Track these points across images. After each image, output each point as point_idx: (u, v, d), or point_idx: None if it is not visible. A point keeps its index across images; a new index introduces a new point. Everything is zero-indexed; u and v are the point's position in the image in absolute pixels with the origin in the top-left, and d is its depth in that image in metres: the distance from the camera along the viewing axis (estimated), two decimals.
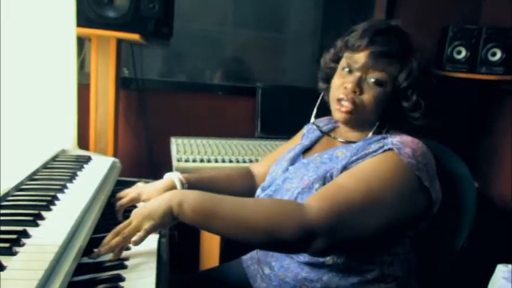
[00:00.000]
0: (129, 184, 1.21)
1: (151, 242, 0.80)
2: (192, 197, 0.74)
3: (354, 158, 0.82)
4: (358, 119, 0.88)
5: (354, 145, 0.88)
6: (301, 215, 0.71)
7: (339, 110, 0.88)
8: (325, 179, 0.82)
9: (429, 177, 0.79)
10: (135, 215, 0.75)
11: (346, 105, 0.86)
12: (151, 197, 0.90)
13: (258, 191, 0.98)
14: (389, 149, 0.80)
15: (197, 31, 2.07)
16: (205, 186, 0.96)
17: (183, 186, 0.94)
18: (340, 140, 0.94)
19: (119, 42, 1.59)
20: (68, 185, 0.93)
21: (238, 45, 2.17)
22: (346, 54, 0.89)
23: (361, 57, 0.86)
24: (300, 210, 0.72)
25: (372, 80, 0.86)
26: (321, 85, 1.01)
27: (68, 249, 0.69)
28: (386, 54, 0.85)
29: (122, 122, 1.86)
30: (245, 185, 1.06)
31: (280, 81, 2.20)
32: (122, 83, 1.79)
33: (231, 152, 1.54)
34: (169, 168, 1.42)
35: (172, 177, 0.96)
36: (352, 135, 0.93)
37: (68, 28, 1.33)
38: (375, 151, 0.81)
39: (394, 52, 0.85)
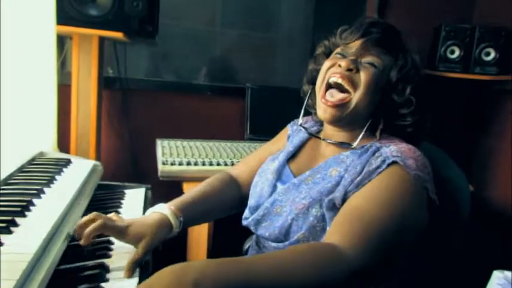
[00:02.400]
0: (111, 188, 1.20)
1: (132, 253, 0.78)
2: (211, 270, 0.57)
3: (358, 179, 0.78)
4: (348, 116, 0.85)
5: (347, 160, 0.84)
6: (344, 262, 0.66)
7: (325, 105, 0.84)
8: (321, 202, 0.80)
9: (433, 188, 0.80)
10: None
11: (333, 97, 0.84)
12: (141, 234, 0.77)
13: (246, 213, 0.93)
14: (393, 162, 0.78)
15: (185, 29, 2.06)
16: (198, 209, 0.91)
17: (178, 221, 0.84)
18: (328, 141, 0.90)
19: (102, 40, 1.58)
20: (45, 189, 0.91)
21: (227, 44, 2.17)
22: (340, 46, 0.90)
23: (355, 45, 0.87)
24: (340, 256, 0.67)
25: (366, 62, 0.85)
26: (306, 87, 1.00)
27: (43, 257, 0.67)
28: (381, 43, 0.85)
29: (105, 124, 1.84)
30: (234, 196, 1.01)
31: (270, 81, 2.20)
32: (105, 83, 1.77)
33: (219, 154, 1.53)
34: (154, 172, 1.41)
35: (162, 211, 0.84)
36: (341, 135, 0.90)
37: (48, 26, 1.31)
38: (378, 167, 0.78)
39: (388, 43, 0.86)
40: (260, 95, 1.95)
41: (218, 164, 1.43)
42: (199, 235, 1.40)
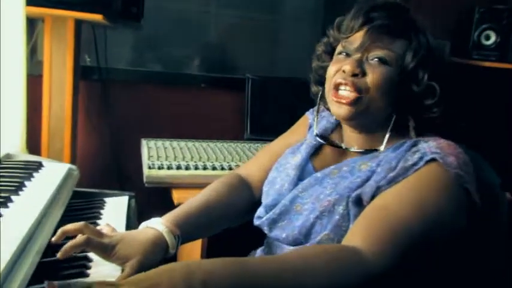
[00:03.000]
0: (89, 196, 1.21)
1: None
2: (218, 272, 0.62)
3: (392, 175, 0.80)
4: (364, 114, 0.86)
5: (380, 155, 0.86)
6: (363, 268, 0.69)
7: (338, 102, 0.86)
8: (348, 200, 0.81)
9: (474, 189, 0.81)
10: (135, 285, 0.59)
11: (346, 94, 0.85)
12: (130, 255, 0.77)
13: (260, 211, 0.94)
14: (432, 160, 0.79)
15: (174, 12, 2.07)
16: (201, 222, 0.91)
17: (176, 239, 0.84)
18: (352, 150, 0.92)
19: (78, 24, 1.58)
20: (13, 197, 0.91)
21: (223, 28, 2.17)
22: (342, 42, 0.90)
23: (357, 38, 0.87)
24: (360, 261, 0.69)
25: (375, 59, 0.85)
26: (315, 89, 1.01)
27: (11, 276, 0.67)
28: (387, 30, 0.85)
29: (82, 121, 1.85)
30: (245, 201, 1.01)
31: (275, 71, 2.20)
32: (82, 73, 1.77)
33: (215, 157, 1.53)
34: (139, 177, 1.41)
35: (156, 227, 0.83)
36: (363, 138, 0.91)
37: (16, 7, 1.31)
38: (415, 164, 0.80)
39: (395, 27, 0.86)
40: (262, 87, 1.95)
41: (213, 168, 1.43)
42: (192, 244, 1.40)
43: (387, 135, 0.88)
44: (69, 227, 0.79)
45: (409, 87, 0.87)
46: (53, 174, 1.10)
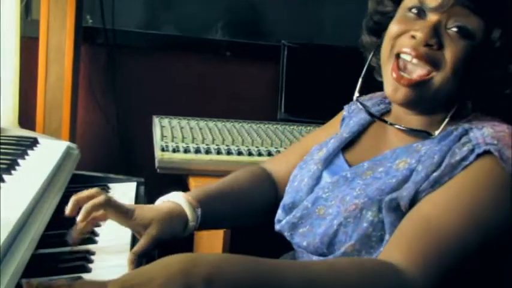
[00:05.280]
0: (91, 181, 1.23)
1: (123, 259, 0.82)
2: (226, 270, 0.61)
3: (435, 175, 0.79)
4: (429, 98, 0.85)
5: (421, 149, 0.85)
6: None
7: (397, 81, 0.84)
8: (380, 204, 0.80)
9: None
10: (125, 284, 0.59)
11: (411, 70, 0.83)
12: (149, 218, 0.85)
13: (279, 213, 0.96)
14: (485, 152, 0.78)
15: None
16: (221, 206, 0.97)
17: (195, 213, 0.91)
18: (398, 127, 0.90)
19: None
20: (5, 177, 0.95)
21: None
22: None
23: None
24: (398, 280, 0.70)
25: (455, 27, 0.83)
26: (367, 39, 0.99)
27: (4, 265, 0.70)
28: None
29: (83, 92, 1.88)
30: (268, 197, 1.05)
31: (317, 38, 2.18)
32: (85, 36, 1.80)
33: (241, 140, 1.54)
34: (149, 161, 1.44)
35: (174, 199, 0.91)
36: (416, 119, 0.89)
37: None
38: (463, 158, 0.79)
39: None
40: (300, 56, 1.94)
41: (239, 153, 1.44)
42: (211, 243, 1.41)
43: (446, 120, 0.87)
44: (82, 193, 0.85)
45: (488, 70, 0.85)
46: (49, 153, 1.13)
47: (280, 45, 1.93)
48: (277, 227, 0.95)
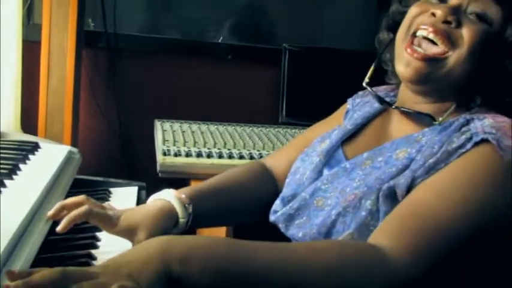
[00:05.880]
0: (92, 185, 1.24)
1: None
2: (202, 249, 0.63)
3: (431, 161, 0.79)
4: (442, 78, 0.84)
5: (422, 139, 0.85)
6: (386, 271, 0.68)
7: (410, 55, 0.83)
8: (379, 193, 0.80)
9: None
10: (105, 269, 0.61)
11: (426, 47, 0.83)
12: (136, 224, 0.84)
13: (276, 204, 0.96)
14: (483, 141, 0.77)
15: None
16: (215, 202, 0.97)
17: (185, 210, 0.90)
18: (403, 109, 0.90)
19: None
20: (6, 182, 0.95)
21: None
22: None
23: None
24: (383, 263, 0.68)
25: (474, 14, 0.84)
26: (383, 36, 0.99)
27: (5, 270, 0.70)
28: None
29: (85, 96, 1.88)
30: (266, 193, 1.03)
31: (318, 41, 2.18)
32: (87, 40, 1.81)
33: (243, 143, 1.54)
34: (151, 165, 1.44)
35: (164, 197, 0.91)
36: (421, 107, 0.89)
37: None
38: (461, 146, 0.78)
39: None
40: (302, 60, 1.93)
41: (241, 157, 1.44)
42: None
43: (452, 107, 0.86)
44: (69, 200, 0.84)
45: (501, 62, 0.85)
46: (51, 158, 1.13)
47: (282, 48, 1.93)
48: (271, 217, 0.95)
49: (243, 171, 1.05)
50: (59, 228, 0.81)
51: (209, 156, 1.42)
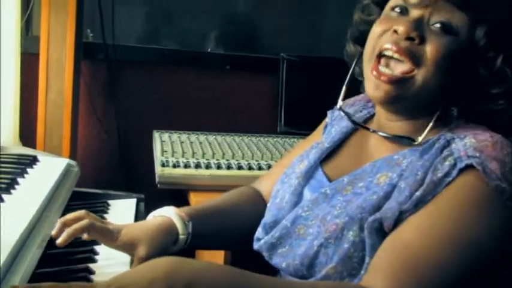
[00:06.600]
0: (91, 197, 1.24)
1: None
2: (208, 277, 0.64)
3: (418, 194, 0.77)
4: (411, 96, 0.82)
5: (402, 162, 0.83)
6: None
7: (377, 79, 0.81)
8: (361, 223, 0.78)
9: None
10: (110, 287, 0.63)
11: (392, 67, 0.81)
12: (136, 239, 0.86)
13: (259, 232, 0.94)
14: (467, 166, 0.76)
15: None
16: (212, 224, 0.98)
17: (185, 227, 0.92)
18: (381, 134, 0.88)
19: None
20: (4, 196, 0.95)
21: None
22: None
23: None
24: None
25: (437, 23, 0.81)
26: (351, 49, 0.98)
27: (4, 284, 0.70)
28: None
29: (84, 108, 1.89)
30: (259, 218, 1.01)
31: (316, 51, 2.19)
32: (85, 51, 1.81)
33: (241, 154, 1.54)
34: (150, 177, 1.44)
35: (164, 213, 0.92)
36: (399, 125, 0.87)
37: None
38: (446, 175, 0.77)
39: None
40: (300, 69, 1.94)
41: (239, 168, 1.44)
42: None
43: (430, 125, 0.85)
44: (69, 216, 0.85)
45: (473, 69, 0.83)
46: (49, 171, 1.14)
47: (280, 58, 1.93)
48: (255, 245, 0.93)
49: (237, 195, 1.06)
50: (59, 241, 0.82)
51: (208, 167, 1.42)
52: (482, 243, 0.75)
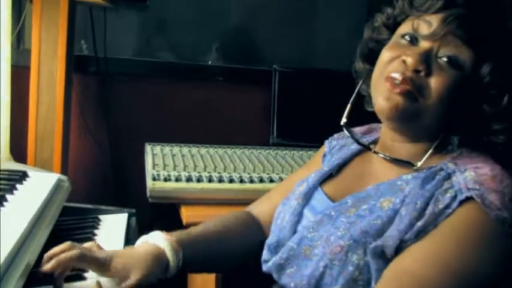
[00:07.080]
0: (82, 213, 1.23)
1: None
2: None
3: (419, 225, 0.78)
4: (413, 120, 0.84)
5: (405, 188, 0.85)
6: None
7: (389, 91, 0.83)
8: (365, 246, 0.80)
9: None
10: None
11: (402, 87, 0.82)
12: (129, 268, 0.87)
13: (265, 253, 0.96)
14: (467, 198, 0.78)
15: None
16: (205, 250, 0.99)
17: (176, 258, 0.92)
18: (382, 155, 0.91)
19: (73, 4, 1.61)
20: None
21: (246, 10, 2.18)
22: (410, 18, 0.89)
23: (433, 20, 0.84)
24: None
25: (445, 57, 0.83)
26: (360, 66, 1.00)
27: None
28: (471, 24, 0.83)
29: (75, 122, 1.88)
30: (254, 242, 1.04)
31: (308, 62, 2.20)
32: (77, 64, 1.81)
33: (233, 167, 1.54)
34: (141, 190, 1.43)
35: (157, 242, 0.92)
36: (402, 148, 0.90)
37: None
38: (447, 206, 0.79)
39: (483, 25, 0.83)
40: (292, 81, 1.95)
41: (231, 181, 1.44)
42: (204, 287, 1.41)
43: (430, 151, 0.87)
44: (55, 249, 0.84)
45: (476, 104, 0.85)
46: (39, 187, 1.13)
47: (272, 70, 1.94)
48: (264, 267, 0.95)
49: (231, 220, 1.07)
50: (47, 267, 0.82)
51: (199, 180, 1.42)
52: (482, 273, 0.76)
